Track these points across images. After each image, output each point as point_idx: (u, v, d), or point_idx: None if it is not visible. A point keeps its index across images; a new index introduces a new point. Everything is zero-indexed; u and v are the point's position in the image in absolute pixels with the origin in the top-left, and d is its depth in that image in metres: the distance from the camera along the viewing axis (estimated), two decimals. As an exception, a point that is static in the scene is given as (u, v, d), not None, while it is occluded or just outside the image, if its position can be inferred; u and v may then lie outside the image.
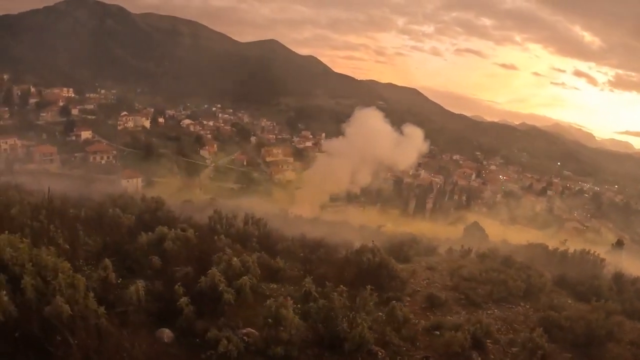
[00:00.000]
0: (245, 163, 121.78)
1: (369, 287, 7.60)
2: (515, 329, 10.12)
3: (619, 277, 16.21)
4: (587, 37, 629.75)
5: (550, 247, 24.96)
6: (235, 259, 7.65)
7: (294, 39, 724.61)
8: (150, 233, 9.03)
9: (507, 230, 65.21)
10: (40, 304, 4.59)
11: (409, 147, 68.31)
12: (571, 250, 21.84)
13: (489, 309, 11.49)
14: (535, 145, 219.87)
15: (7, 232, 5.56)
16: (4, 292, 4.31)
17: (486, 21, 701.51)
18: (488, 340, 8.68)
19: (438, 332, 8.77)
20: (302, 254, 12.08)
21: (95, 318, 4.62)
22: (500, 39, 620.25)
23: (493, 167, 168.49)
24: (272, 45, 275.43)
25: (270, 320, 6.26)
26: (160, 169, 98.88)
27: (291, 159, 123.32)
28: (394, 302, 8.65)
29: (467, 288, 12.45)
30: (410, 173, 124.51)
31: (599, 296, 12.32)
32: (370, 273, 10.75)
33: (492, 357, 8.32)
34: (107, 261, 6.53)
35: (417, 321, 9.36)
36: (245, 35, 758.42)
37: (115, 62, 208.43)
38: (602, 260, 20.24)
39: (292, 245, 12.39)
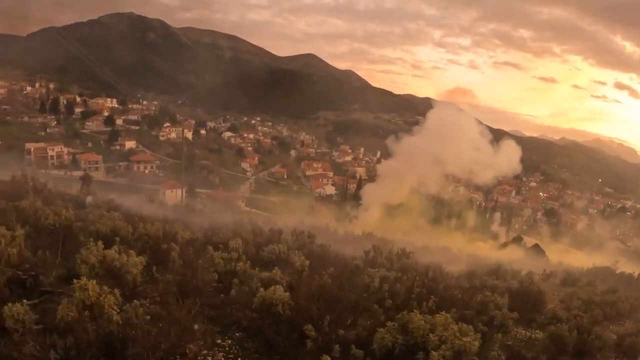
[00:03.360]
0: (285, 176, 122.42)
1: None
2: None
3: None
4: (629, 47, 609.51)
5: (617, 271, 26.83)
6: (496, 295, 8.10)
7: (331, 53, 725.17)
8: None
9: (553, 249, 63.05)
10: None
11: (498, 163, 59.73)
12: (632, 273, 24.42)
13: (608, 325, 12.62)
14: (576, 161, 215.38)
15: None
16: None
17: (524, 33, 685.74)
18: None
19: None
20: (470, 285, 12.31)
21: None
22: (539, 51, 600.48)
23: (533, 184, 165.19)
24: (310, 60, 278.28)
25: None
26: (202, 180, 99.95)
27: (331, 174, 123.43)
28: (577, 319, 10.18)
29: (586, 309, 13.43)
30: (450, 189, 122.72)
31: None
32: (532, 298, 12.17)
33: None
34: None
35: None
36: (282, 49, 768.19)
37: (156, 74, 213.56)
38: (665, 282, 22.24)
39: (433, 274, 12.34)
